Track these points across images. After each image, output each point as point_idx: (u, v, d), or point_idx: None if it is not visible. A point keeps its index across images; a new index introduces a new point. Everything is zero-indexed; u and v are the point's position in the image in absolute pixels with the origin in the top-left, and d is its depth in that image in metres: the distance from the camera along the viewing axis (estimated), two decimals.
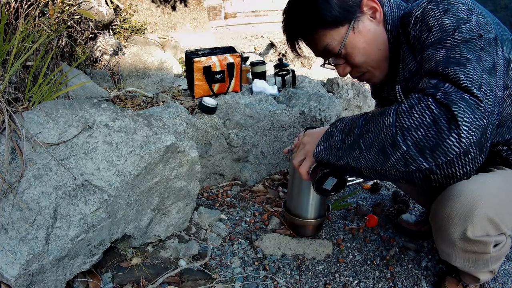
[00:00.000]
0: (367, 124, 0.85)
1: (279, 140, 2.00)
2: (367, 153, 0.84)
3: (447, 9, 0.87)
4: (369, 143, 0.83)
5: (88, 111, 1.27)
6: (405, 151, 0.75)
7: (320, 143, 0.98)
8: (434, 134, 0.72)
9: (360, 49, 1.02)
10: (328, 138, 0.96)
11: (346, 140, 0.90)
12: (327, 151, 0.96)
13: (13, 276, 0.99)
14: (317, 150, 0.98)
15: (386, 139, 0.79)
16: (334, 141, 0.94)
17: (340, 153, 0.91)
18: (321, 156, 0.97)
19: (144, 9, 4.00)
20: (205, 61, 2.04)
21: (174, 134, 1.34)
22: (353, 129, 0.89)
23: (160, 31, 4.16)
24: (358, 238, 1.55)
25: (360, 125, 0.87)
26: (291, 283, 1.33)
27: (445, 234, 1.03)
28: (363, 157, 0.85)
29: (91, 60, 2.66)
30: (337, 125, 0.96)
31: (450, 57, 0.80)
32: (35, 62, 1.48)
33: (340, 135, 0.93)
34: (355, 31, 1.00)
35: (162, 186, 1.35)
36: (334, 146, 0.93)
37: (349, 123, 0.92)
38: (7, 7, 1.61)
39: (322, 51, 1.07)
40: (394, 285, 1.31)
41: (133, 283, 1.26)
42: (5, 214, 1.06)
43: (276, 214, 1.66)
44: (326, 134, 0.97)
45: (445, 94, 0.73)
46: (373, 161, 0.83)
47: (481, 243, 1.01)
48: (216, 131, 1.86)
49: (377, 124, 0.82)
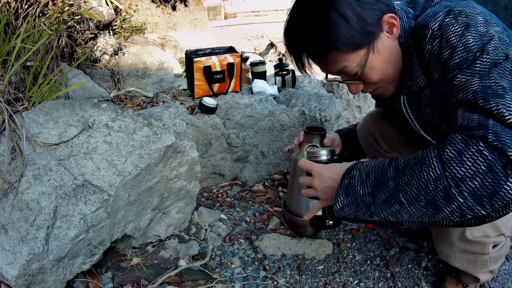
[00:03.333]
0: (404, 176, 0.77)
1: (279, 140, 2.00)
2: (410, 207, 0.78)
3: (467, 24, 0.82)
4: (412, 197, 0.76)
5: (88, 111, 1.27)
6: (461, 203, 0.71)
7: (338, 198, 0.88)
8: (491, 181, 0.68)
9: (378, 69, 0.97)
10: (349, 192, 0.87)
11: (377, 194, 0.82)
12: (352, 208, 0.87)
13: (13, 276, 0.99)
14: (338, 207, 0.89)
15: (437, 192, 0.72)
16: (359, 195, 0.85)
17: (373, 209, 0.83)
18: (345, 213, 0.88)
19: (144, 9, 4.00)
20: (205, 61, 2.04)
21: (174, 134, 1.34)
22: (384, 182, 0.81)
23: (160, 31, 4.16)
24: (358, 238, 1.55)
25: (392, 177, 0.80)
26: (291, 283, 1.33)
27: (444, 235, 1.03)
28: (406, 211, 0.79)
29: (91, 60, 2.66)
30: (354, 175, 0.87)
31: (486, 87, 0.76)
32: (35, 62, 1.48)
33: (365, 188, 0.84)
34: (374, 51, 0.94)
35: (162, 186, 1.35)
36: (362, 202, 0.85)
37: (372, 173, 0.84)
38: (7, 7, 1.61)
39: (336, 72, 1.00)
40: (394, 285, 1.31)
41: (133, 283, 1.26)
42: (5, 214, 1.06)
43: (276, 214, 1.66)
44: (344, 187, 0.88)
45: (495, 135, 0.69)
46: (419, 214, 0.78)
47: (480, 243, 1.01)
48: (216, 131, 1.86)
49: (419, 176, 0.75)
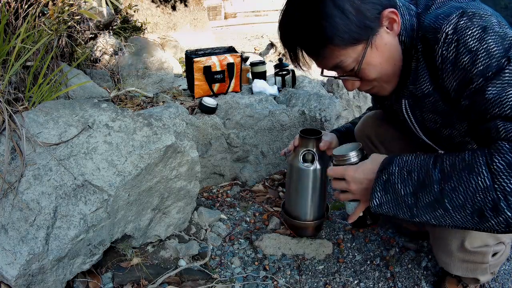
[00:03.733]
0: (451, 181, 0.76)
1: (279, 140, 2.00)
2: (455, 214, 0.77)
3: (484, 26, 0.79)
4: (458, 204, 0.75)
5: (88, 111, 1.27)
6: (509, 216, 0.70)
7: (376, 194, 0.87)
8: None
9: (375, 66, 0.93)
10: (388, 189, 0.85)
11: (420, 197, 0.80)
12: (392, 205, 0.85)
13: (13, 276, 0.99)
14: (375, 203, 0.87)
15: (485, 203, 0.72)
16: (400, 195, 0.83)
17: (415, 211, 0.82)
18: (383, 211, 0.87)
19: (144, 9, 4.00)
20: (205, 61, 2.04)
21: (174, 134, 1.34)
22: (429, 184, 0.79)
23: (160, 31, 4.16)
24: (358, 238, 1.55)
25: (437, 180, 0.78)
26: (291, 283, 1.33)
27: (443, 244, 1.02)
28: (450, 217, 0.78)
29: (91, 60, 2.66)
30: (394, 171, 0.85)
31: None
32: (35, 62, 1.48)
33: (407, 187, 0.82)
34: (372, 47, 0.90)
35: (162, 186, 1.35)
36: (403, 202, 0.83)
37: (415, 172, 0.82)
38: (7, 7, 1.61)
39: (332, 67, 0.96)
40: (394, 285, 1.31)
41: (133, 283, 1.26)
42: (5, 214, 1.06)
43: (276, 214, 1.66)
44: (381, 183, 0.86)
45: None
46: (464, 221, 0.77)
47: (480, 253, 1.00)
48: (216, 131, 1.86)
49: (466, 183, 0.74)
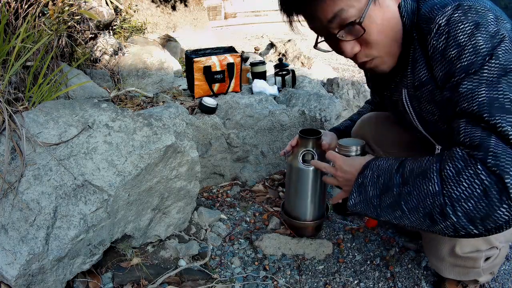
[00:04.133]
0: (407, 185, 0.80)
1: (279, 140, 2.00)
2: (410, 216, 0.80)
3: (477, 23, 0.78)
4: (412, 207, 0.79)
5: (88, 111, 1.27)
6: (455, 222, 0.73)
7: (353, 194, 0.93)
8: (485, 206, 0.69)
9: (378, 26, 0.88)
10: (361, 191, 0.91)
11: (383, 198, 0.85)
12: (363, 206, 0.91)
13: (13, 276, 0.99)
14: (351, 203, 0.93)
15: (434, 207, 0.75)
16: (369, 196, 0.89)
17: (379, 211, 0.87)
18: (357, 210, 0.93)
19: (144, 9, 4.00)
20: (205, 61, 2.04)
21: (174, 134, 1.34)
22: (390, 187, 0.84)
23: (160, 31, 4.16)
24: (358, 238, 1.55)
25: (397, 184, 0.82)
26: (291, 283, 1.33)
27: (434, 249, 1.02)
28: (407, 218, 0.82)
29: (91, 60, 2.66)
30: (367, 175, 0.90)
31: (493, 99, 0.73)
32: (35, 62, 1.48)
33: (375, 190, 0.88)
34: (375, 3, 0.86)
35: (162, 186, 1.35)
36: (371, 203, 0.89)
37: (382, 176, 0.87)
38: (7, 7, 1.61)
39: (330, 18, 0.88)
40: (394, 285, 1.31)
41: (133, 283, 1.26)
42: (5, 214, 1.06)
43: (276, 214, 1.66)
44: (357, 185, 0.92)
45: (495, 158, 0.68)
46: (418, 222, 0.80)
47: (471, 259, 1.00)
48: (216, 131, 1.86)
49: (419, 188, 0.77)
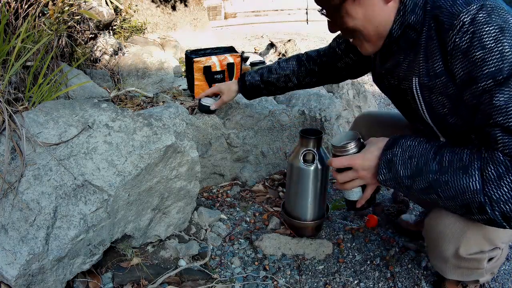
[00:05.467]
0: (445, 175, 0.85)
1: (279, 140, 2.00)
2: (446, 201, 0.86)
3: (501, 27, 0.79)
4: (449, 196, 0.85)
5: (88, 111, 1.27)
6: (491, 218, 0.80)
7: (382, 170, 0.95)
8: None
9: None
10: (391, 168, 0.94)
11: (416, 181, 0.89)
12: (393, 183, 0.94)
13: (13, 276, 0.99)
14: (381, 178, 0.96)
15: (473, 202, 0.81)
16: (399, 176, 0.92)
17: (412, 192, 0.91)
18: (387, 185, 0.97)
19: (144, 9, 4.00)
20: (205, 61, 2.04)
21: (174, 134, 1.34)
22: (425, 172, 0.88)
23: (160, 31, 4.15)
24: (358, 238, 1.55)
25: (434, 171, 0.87)
26: (291, 283, 1.33)
27: (437, 250, 1.02)
28: (442, 202, 0.88)
29: (91, 60, 2.66)
30: (397, 152, 0.93)
31: None
32: (35, 62, 1.48)
33: (406, 170, 0.91)
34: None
35: (162, 186, 1.35)
36: (402, 184, 0.92)
37: (415, 158, 0.90)
38: (7, 7, 1.61)
39: None
40: (394, 285, 1.31)
41: (133, 283, 1.26)
42: (5, 214, 1.06)
43: (276, 214, 1.66)
44: (386, 160, 0.94)
45: None
46: (453, 208, 0.87)
47: (475, 260, 1.00)
48: (216, 131, 1.86)
49: (458, 181, 0.83)
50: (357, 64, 1.35)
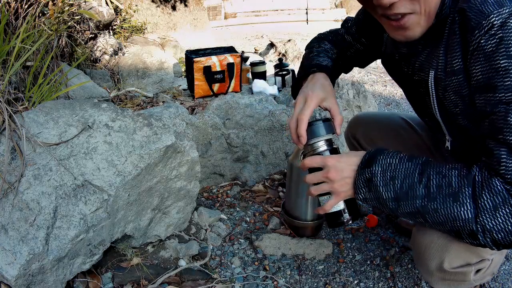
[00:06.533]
0: (434, 202, 0.80)
1: (279, 140, 2.00)
2: (434, 226, 0.83)
3: None
4: (438, 222, 0.81)
5: (88, 111, 1.27)
6: (481, 244, 0.78)
7: (360, 190, 0.88)
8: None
9: None
10: (371, 188, 0.86)
11: (402, 205, 0.84)
12: (375, 203, 0.88)
13: (13, 276, 0.99)
14: (361, 197, 0.89)
15: (463, 229, 0.78)
16: (382, 198, 0.85)
17: (397, 213, 0.87)
18: (368, 204, 0.90)
19: (144, 9, 4.00)
20: (205, 61, 2.04)
21: (174, 134, 1.34)
22: (412, 197, 0.82)
23: (160, 31, 4.15)
24: (358, 238, 1.55)
25: (421, 196, 0.81)
26: (291, 283, 1.33)
27: (423, 263, 1.00)
28: (429, 226, 0.85)
29: (91, 60, 2.66)
30: (376, 171, 0.85)
31: None
32: (35, 62, 1.48)
33: (388, 192, 0.84)
34: None
35: (162, 186, 1.35)
36: (385, 205, 0.86)
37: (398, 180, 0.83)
38: (7, 7, 1.61)
39: None
40: (394, 285, 1.32)
41: (133, 283, 1.26)
42: (5, 214, 1.06)
43: (276, 214, 1.66)
44: (364, 180, 0.87)
45: None
46: (442, 231, 0.84)
47: (460, 273, 0.98)
48: (216, 131, 1.86)
49: (449, 209, 0.78)
50: (368, 50, 1.23)
